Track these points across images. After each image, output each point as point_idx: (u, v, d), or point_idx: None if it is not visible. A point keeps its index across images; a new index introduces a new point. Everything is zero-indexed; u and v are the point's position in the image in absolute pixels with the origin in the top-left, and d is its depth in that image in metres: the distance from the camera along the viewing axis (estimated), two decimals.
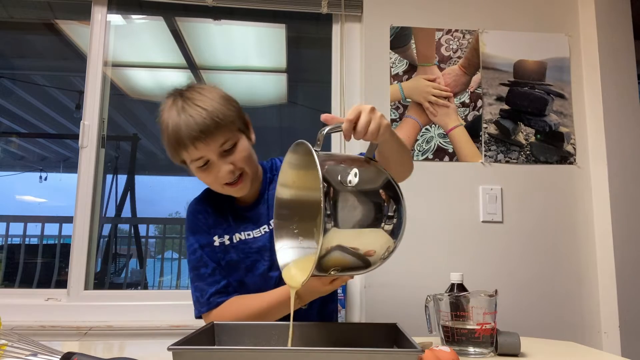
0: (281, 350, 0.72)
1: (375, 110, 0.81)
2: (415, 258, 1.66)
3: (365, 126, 0.78)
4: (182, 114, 0.98)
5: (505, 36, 1.82)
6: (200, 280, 1.08)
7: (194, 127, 0.97)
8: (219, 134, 0.99)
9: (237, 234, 1.11)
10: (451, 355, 0.75)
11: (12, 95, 2.14)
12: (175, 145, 1.00)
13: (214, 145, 0.99)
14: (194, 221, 1.13)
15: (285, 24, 1.99)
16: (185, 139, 0.98)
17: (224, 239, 1.11)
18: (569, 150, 1.78)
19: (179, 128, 0.98)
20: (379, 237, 0.75)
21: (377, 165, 0.83)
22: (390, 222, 0.76)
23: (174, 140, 0.99)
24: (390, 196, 0.78)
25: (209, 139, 0.98)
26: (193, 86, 1.05)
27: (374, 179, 0.79)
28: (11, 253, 2.35)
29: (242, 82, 2.06)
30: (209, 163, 1.02)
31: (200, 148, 0.98)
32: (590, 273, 1.72)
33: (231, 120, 1.01)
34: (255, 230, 1.10)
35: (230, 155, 1.02)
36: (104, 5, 1.82)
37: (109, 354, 0.79)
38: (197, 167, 1.03)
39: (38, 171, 3.03)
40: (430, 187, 1.71)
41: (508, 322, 1.17)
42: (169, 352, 0.67)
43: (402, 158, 1.01)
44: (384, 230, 0.75)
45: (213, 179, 1.04)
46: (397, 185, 0.82)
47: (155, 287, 2.45)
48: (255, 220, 1.11)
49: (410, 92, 1.76)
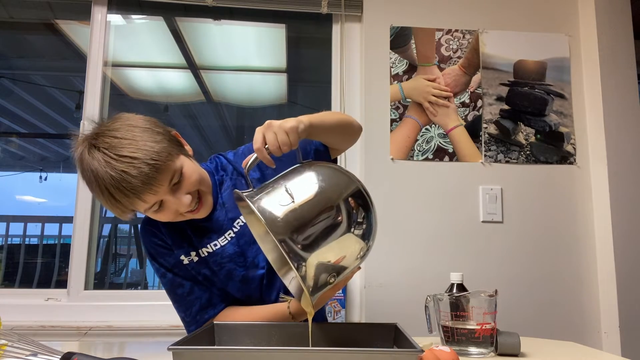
0: (281, 350, 0.72)
1: (271, 123, 0.79)
2: (415, 258, 1.66)
3: (275, 142, 0.77)
4: (112, 172, 0.84)
5: (505, 36, 1.82)
6: (179, 301, 1.03)
7: (134, 182, 0.84)
8: (162, 176, 0.87)
9: (203, 248, 1.02)
10: (451, 355, 0.75)
11: (12, 95, 2.14)
12: (119, 206, 0.88)
13: (163, 189, 0.88)
14: (151, 245, 1.04)
15: (285, 24, 1.99)
16: (128, 196, 0.85)
17: (191, 257, 1.03)
18: (569, 150, 1.78)
19: (117, 189, 0.85)
20: (348, 239, 0.75)
21: (311, 165, 0.81)
22: (346, 216, 0.75)
23: (115, 201, 0.87)
24: (340, 189, 0.78)
25: (155, 187, 0.86)
26: (103, 130, 0.90)
27: (308, 183, 0.77)
28: (11, 253, 2.35)
29: (242, 82, 2.06)
30: (163, 203, 0.91)
31: (149, 199, 0.87)
32: (590, 273, 1.72)
33: (167, 154, 0.88)
34: (221, 239, 1.02)
35: (181, 186, 0.91)
36: (104, 5, 1.82)
37: (109, 354, 0.79)
38: (152, 212, 0.92)
39: (38, 171, 3.03)
40: (430, 187, 1.71)
41: (508, 322, 1.17)
42: (169, 352, 0.67)
43: (340, 130, 0.98)
44: (352, 233, 0.75)
45: (174, 214, 0.94)
46: (341, 172, 0.81)
47: (155, 287, 2.45)
48: (217, 229, 1.03)
49: (410, 92, 1.76)
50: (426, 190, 1.71)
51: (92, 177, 0.87)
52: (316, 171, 0.79)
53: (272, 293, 1.06)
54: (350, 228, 0.75)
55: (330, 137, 0.97)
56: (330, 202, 0.74)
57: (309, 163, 0.82)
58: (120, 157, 0.84)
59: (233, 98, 2.09)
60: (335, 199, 0.75)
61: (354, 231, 0.75)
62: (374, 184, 1.64)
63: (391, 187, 1.69)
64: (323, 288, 0.75)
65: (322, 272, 0.73)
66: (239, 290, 1.04)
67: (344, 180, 0.79)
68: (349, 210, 0.75)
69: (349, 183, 0.79)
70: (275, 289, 1.06)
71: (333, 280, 0.75)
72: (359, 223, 0.76)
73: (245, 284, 1.04)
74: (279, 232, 0.70)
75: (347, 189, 0.78)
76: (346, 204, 0.75)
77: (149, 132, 0.89)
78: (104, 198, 0.88)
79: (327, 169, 0.81)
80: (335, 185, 0.78)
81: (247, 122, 2.15)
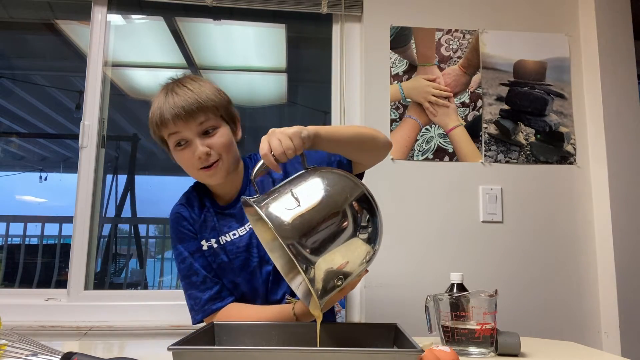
0: (281, 350, 0.72)
1: (274, 130, 0.83)
2: (415, 258, 1.66)
3: (279, 147, 0.80)
4: (170, 94, 1.03)
5: (505, 36, 1.82)
6: (192, 289, 1.07)
7: (178, 103, 1.00)
8: (199, 113, 1.01)
9: (222, 236, 1.09)
10: (451, 355, 0.75)
11: (12, 95, 2.14)
12: (158, 121, 1.03)
13: (193, 123, 1.01)
14: (178, 229, 1.11)
15: (285, 24, 1.99)
16: (166, 113, 1.01)
17: (211, 243, 1.09)
18: (569, 150, 1.78)
19: (164, 105, 1.02)
20: (354, 243, 0.76)
21: (316, 171, 0.82)
22: (351, 221, 0.76)
23: (158, 116, 1.02)
24: (343, 195, 0.78)
25: (188, 117, 1.00)
26: (188, 75, 1.10)
27: (315, 188, 0.78)
28: (11, 253, 2.35)
29: (242, 82, 2.06)
30: (187, 143, 1.03)
31: (179, 125, 1.01)
32: (590, 273, 1.72)
33: (214, 105, 1.04)
34: (240, 229, 1.09)
35: (209, 138, 1.03)
36: (104, 5, 1.82)
37: (109, 354, 0.79)
38: (175, 146, 1.04)
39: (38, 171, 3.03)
40: (430, 187, 1.71)
41: (508, 322, 1.17)
42: (169, 352, 0.67)
43: (357, 144, 1.00)
44: (358, 237, 0.76)
45: (189, 159, 1.04)
46: (346, 177, 0.82)
47: (155, 287, 2.45)
48: (239, 217, 1.10)
49: (410, 92, 1.76)
50: (426, 190, 1.71)
51: (156, 98, 1.06)
52: (322, 176, 0.80)
53: (277, 292, 1.09)
54: (357, 232, 0.75)
55: (344, 149, 0.98)
56: (337, 207, 0.75)
57: (314, 169, 0.82)
58: (184, 86, 1.04)
59: (233, 98, 2.07)
60: (341, 204, 0.76)
61: (360, 235, 0.76)
62: (374, 184, 1.63)
63: (391, 187, 1.69)
64: (331, 291, 0.75)
65: (330, 275, 0.74)
66: (248, 282, 1.08)
67: (349, 185, 0.80)
68: (355, 214, 0.76)
69: (354, 187, 0.80)
70: (281, 289, 1.09)
71: (340, 283, 0.76)
72: (364, 227, 0.77)
73: (255, 277, 1.08)
74: (287, 237, 0.71)
75: (353, 193, 0.79)
76: (352, 208, 0.76)
77: (213, 90, 1.07)
78: (151, 112, 1.05)
79: (332, 174, 0.82)
80: (341, 190, 0.79)
81: (247, 122, 2.15)
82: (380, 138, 1.03)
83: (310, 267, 0.71)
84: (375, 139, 1.02)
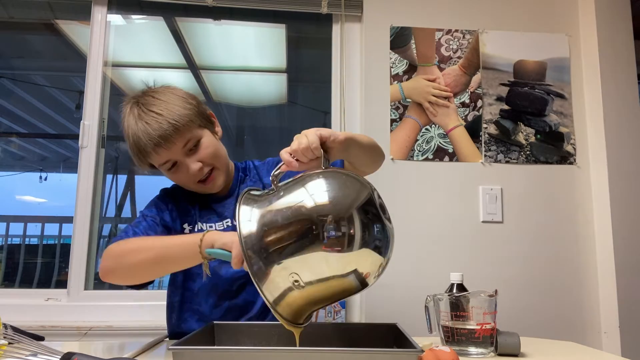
0: (281, 350, 0.72)
1: (303, 133, 0.79)
2: (415, 258, 1.66)
3: (297, 146, 0.77)
4: (139, 122, 0.99)
5: (505, 36, 1.82)
6: (136, 223, 1.04)
7: (152, 134, 0.97)
8: (178, 137, 0.99)
9: (200, 223, 1.10)
10: (451, 355, 0.75)
11: (12, 95, 2.14)
12: (139, 154, 1.02)
13: (176, 148, 1.00)
14: (157, 202, 1.11)
15: (285, 24, 1.99)
16: (146, 147, 0.99)
17: (187, 229, 1.10)
18: (569, 150, 1.78)
19: (139, 137, 0.99)
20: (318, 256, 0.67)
21: (319, 173, 0.75)
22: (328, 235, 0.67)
23: (137, 149, 1.01)
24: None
25: (169, 144, 0.99)
26: (147, 91, 1.06)
27: (298, 192, 0.71)
28: (11, 253, 2.35)
29: (242, 82, 2.06)
30: (177, 164, 1.03)
31: (162, 154, 1.00)
32: (590, 273, 1.72)
33: (189, 120, 1.01)
34: (218, 223, 1.10)
35: (195, 153, 1.03)
36: (104, 5, 1.82)
37: (109, 354, 0.79)
38: (166, 170, 1.04)
39: (38, 171, 3.03)
40: (430, 187, 1.71)
41: (508, 322, 1.17)
42: (169, 352, 0.67)
43: (371, 151, 1.01)
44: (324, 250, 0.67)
45: (185, 178, 1.05)
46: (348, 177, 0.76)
47: (155, 287, 2.45)
48: (220, 213, 1.11)
49: (410, 92, 1.76)
50: (426, 190, 1.71)
51: (125, 124, 1.03)
52: (315, 180, 0.73)
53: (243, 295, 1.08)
54: (322, 243, 0.66)
55: (363, 156, 0.97)
56: (304, 215, 0.68)
57: (323, 170, 0.77)
58: (149, 112, 0.99)
59: (233, 98, 2.09)
60: (309, 213, 0.68)
61: (327, 248, 0.66)
62: (374, 184, 1.63)
63: (391, 187, 1.69)
64: (284, 294, 0.69)
65: (281, 276, 0.68)
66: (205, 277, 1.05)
67: (338, 195, 0.72)
68: (324, 225, 0.67)
69: (338, 202, 0.71)
70: (246, 293, 1.08)
71: (297, 285, 0.68)
72: (338, 239, 0.67)
73: (216, 275, 1.06)
74: (247, 230, 0.68)
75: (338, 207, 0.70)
76: (321, 220, 0.67)
77: (181, 100, 1.03)
78: (129, 145, 1.03)
79: (328, 177, 0.74)
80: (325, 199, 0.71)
81: (247, 122, 2.15)
82: (380, 148, 1.05)
83: (261, 266, 0.67)
84: (379, 148, 1.04)
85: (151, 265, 0.92)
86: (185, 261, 0.90)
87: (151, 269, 0.93)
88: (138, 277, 0.96)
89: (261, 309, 1.07)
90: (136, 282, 0.96)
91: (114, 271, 0.94)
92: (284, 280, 0.68)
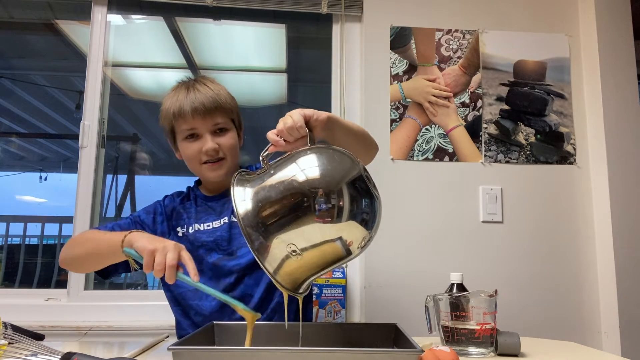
0: (281, 350, 0.72)
1: (287, 114, 0.85)
2: (415, 258, 1.66)
3: (283, 126, 0.82)
4: (192, 91, 1.09)
5: (505, 36, 1.82)
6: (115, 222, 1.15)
7: (200, 99, 1.07)
8: (217, 113, 1.09)
9: (197, 224, 1.14)
10: (451, 355, 0.75)
11: (12, 95, 2.14)
12: (175, 113, 1.09)
13: (210, 121, 1.09)
14: (153, 204, 1.20)
15: (285, 24, 1.99)
16: (186, 106, 1.07)
17: (185, 229, 1.15)
18: (569, 150, 1.78)
19: (184, 99, 1.08)
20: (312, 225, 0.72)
21: (308, 149, 0.79)
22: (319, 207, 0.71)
23: (177, 107, 1.08)
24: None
25: (206, 114, 1.08)
26: (205, 76, 1.18)
27: (289, 167, 0.75)
28: (11, 253, 2.35)
29: (242, 82, 2.06)
30: (197, 136, 1.10)
31: (196, 119, 1.08)
32: (590, 273, 1.72)
33: (230, 108, 1.13)
34: (215, 222, 1.14)
35: (219, 136, 1.11)
36: (104, 5, 1.82)
37: (109, 354, 0.79)
38: (184, 138, 1.11)
39: (38, 171, 3.03)
40: (430, 187, 1.71)
41: (508, 322, 1.17)
42: (169, 352, 0.67)
43: (360, 137, 1.03)
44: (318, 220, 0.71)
45: (195, 152, 1.10)
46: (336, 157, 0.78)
47: (155, 287, 2.45)
48: (218, 211, 1.16)
49: (410, 92, 1.76)
50: (426, 190, 1.71)
51: (172, 95, 1.11)
52: (303, 156, 0.77)
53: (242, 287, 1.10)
54: (315, 214, 0.70)
55: (351, 140, 0.98)
56: (296, 188, 0.72)
57: (310, 147, 0.80)
58: (205, 86, 1.11)
59: None
60: (300, 185, 0.72)
61: (321, 217, 0.70)
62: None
63: (391, 187, 1.69)
64: (282, 262, 0.73)
65: (279, 247, 0.72)
66: (209, 271, 1.10)
67: (331, 168, 0.76)
68: (317, 196, 0.71)
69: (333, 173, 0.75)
70: (245, 285, 1.10)
71: (295, 254, 0.72)
72: (328, 210, 0.71)
73: (217, 269, 1.10)
74: (243, 210, 0.72)
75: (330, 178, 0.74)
76: (312, 192, 0.71)
77: (229, 95, 1.15)
78: (166, 108, 1.11)
79: (313, 153, 0.78)
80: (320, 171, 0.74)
81: (247, 122, 2.14)
82: (373, 139, 1.08)
83: (259, 237, 0.72)
84: (370, 137, 1.07)
85: (85, 257, 1.01)
86: (112, 257, 0.95)
87: (86, 260, 1.02)
88: (80, 266, 1.08)
89: (259, 303, 1.09)
90: (82, 270, 1.08)
91: (64, 259, 1.05)
92: (282, 250, 0.72)
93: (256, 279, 1.10)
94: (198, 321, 1.10)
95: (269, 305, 1.09)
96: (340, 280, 1.51)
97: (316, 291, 1.50)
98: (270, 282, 1.07)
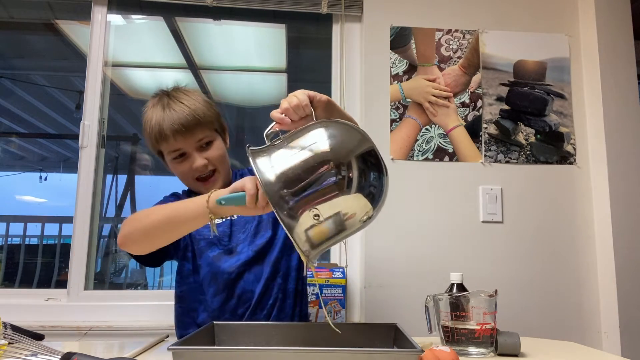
0: (281, 350, 0.72)
1: (291, 94, 0.87)
2: (415, 258, 1.66)
3: (289, 105, 0.84)
4: (167, 110, 1.09)
5: (505, 36, 1.82)
6: None
7: (176, 121, 1.07)
8: (198, 129, 1.09)
9: None
10: (451, 355, 0.75)
11: (12, 95, 2.14)
12: (157, 137, 1.09)
13: (192, 139, 1.09)
14: (162, 201, 1.20)
15: (285, 24, 1.99)
16: (166, 131, 1.07)
17: None
18: (569, 150, 1.78)
19: (162, 121, 1.08)
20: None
21: (320, 123, 0.83)
22: None
23: (157, 132, 1.08)
24: None
25: (188, 133, 1.08)
26: (179, 87, 1.16)
27: (309, 138, 0.79)
28: (11, 253, 2.35)
29: (242, 82, 2.06)
30: (185, 155, 1.11)
31: (179, 140, 1.08)
32: (590, 273, 1.72)
33: (210, 120, 1.12)
34: (217, 219, 1.13)
35: (206, 151, 1.12)
36: (104, 5, 1.82)
37: (109, 354, 0.79)
38: (172, 159, 1.12)
39: (38, 171, 3.03)
40: (430, 187, 1.71)
41: (508, 322, 1.17)
42: (169, 352, 0.67)
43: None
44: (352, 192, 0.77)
45: (187, 170, 1.11)
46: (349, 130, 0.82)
47: (155, 287, 2.45)
48: None
49: (410, 92, 1.76)
50: (426, 190, 1.71)
51: (150, 112, 1.11)
52: (324, 127, 0.81)
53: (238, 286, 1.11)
54: (349, 189, 0.76)
55: None
56: (324, 157, 0.76)
57: (320, 121, 0.84)
58: (179, 102, 1.10)
59: (233, 98, 2.09)
60: (324, 156, 0.76)
61: (353, 190, 0.77)
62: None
63: (391, 187, 1.68)
64: (309, 228, 0.75)
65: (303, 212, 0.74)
66: (208, 266, 1.12)
67: (347, 139, 0.80)
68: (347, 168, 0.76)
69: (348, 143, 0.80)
70: (244, 282, 1.11)
71: (317, 220, 0.75)
72: (350, 182, 0.76)
73: (218, 263, 1.11)
74: (270, 182, 0.73)
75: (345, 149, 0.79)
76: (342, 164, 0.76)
77: (207, 103, 1.15)
78: (149, 128, 1.10)
79: (332, 125, 0.82)
80: (343, 142, 0.79)
81: (247, 122, 2.15)
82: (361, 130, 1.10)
83: (285, 206, 0.73)
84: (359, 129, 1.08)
85: (163, 226, 0.94)
86: (195, 220, 0.91)
87: (163, 229, 0.95)
88: (151, 239, 0.97)
89: (259, 298, 1.10)
90: (151, 245, 0.99)
91: (130, 235, 0.97)
92: (307, 217, 0.74)
93: (256, 275, 1.11)
94: (204, 318, 1.11)
95: (268, 301, 1.10)
96: (340, 280, 1.51)
97: (316, 291, 1.50)
98: (269, 277, 1.09)
